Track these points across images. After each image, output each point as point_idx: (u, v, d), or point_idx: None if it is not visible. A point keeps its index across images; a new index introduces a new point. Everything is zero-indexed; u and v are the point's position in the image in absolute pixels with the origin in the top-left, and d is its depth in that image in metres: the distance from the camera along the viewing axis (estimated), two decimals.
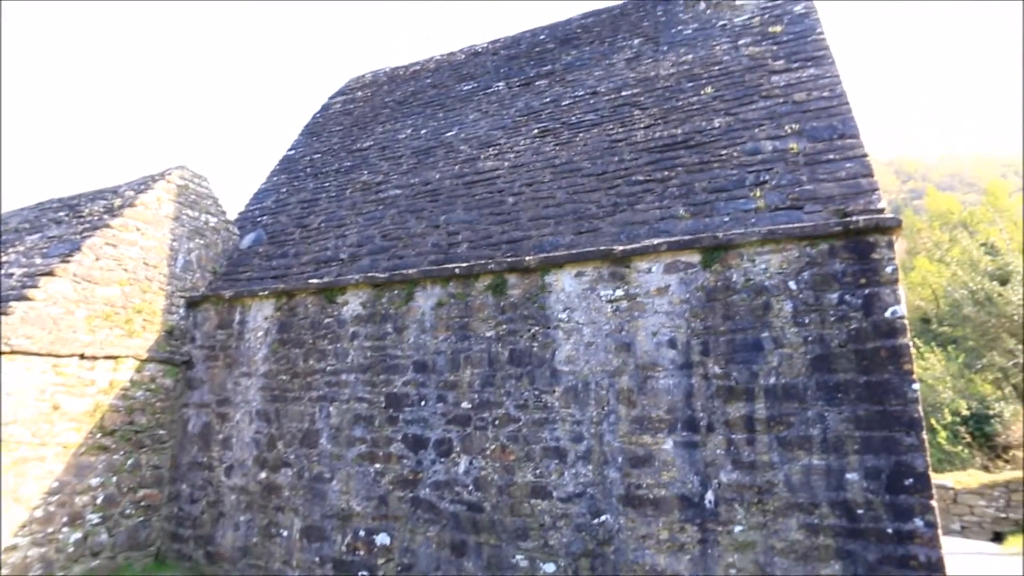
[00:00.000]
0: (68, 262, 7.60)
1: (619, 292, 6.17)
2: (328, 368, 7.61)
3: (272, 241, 9.49)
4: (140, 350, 8.11)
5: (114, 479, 7.68)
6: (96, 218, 8.54)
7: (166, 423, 8.38)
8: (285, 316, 8.15)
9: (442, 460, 6.59)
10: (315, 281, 7.98)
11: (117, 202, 8.83)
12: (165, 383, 8.43)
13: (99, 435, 7.56)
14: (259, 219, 10.25)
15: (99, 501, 7.50)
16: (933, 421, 15.64)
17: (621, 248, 6.17)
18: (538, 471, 6.07)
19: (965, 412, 15.85)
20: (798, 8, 8.68)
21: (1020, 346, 17.34)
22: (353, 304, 7.69)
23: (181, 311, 8.79)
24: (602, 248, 6.28)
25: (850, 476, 4.95)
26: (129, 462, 7.88)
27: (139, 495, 7.96)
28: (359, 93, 12.85)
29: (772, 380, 5.39)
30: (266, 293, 8.28)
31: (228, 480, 7.89)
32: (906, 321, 5.19)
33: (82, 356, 7.43)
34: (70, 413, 7.30)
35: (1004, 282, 19.29)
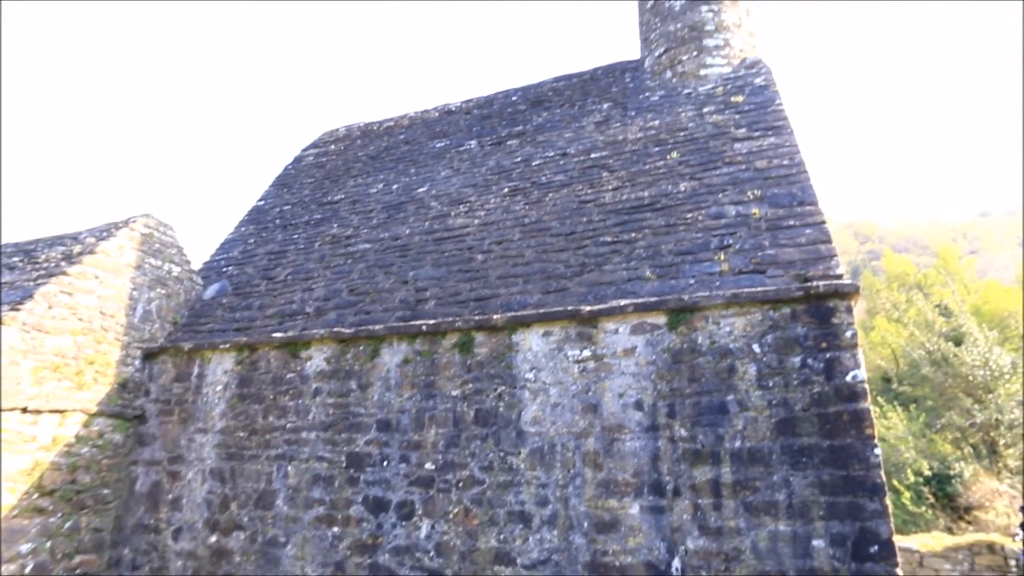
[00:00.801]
0: (18, 310, 7.31)
1: (586, 352, 6.16)
2: (288, 425, 7.36)
3: (237, 292, 9.31)
4: (90, 403, 7.75)
5: (48, 544, 7.18)
6: (53, 265, 8.29)
7: (112, 482, 7.93)
8: (246, 370, 7.92)
9: (403, 524, 6.35)
10: (279, 335, 7.81)
11: (76, 249, 8.60)
12: (114, 439, 8.03)
13: (36, 495, 7.10)
14: (224, 269, 10.08)
15: (28, 570, 6.96)
16: (896, 482, 15.75)
17: (589, 309, 6.20)
18: (502, 536, 5.88)
19: (927, 472, 16.01)
20: (758, 80, 9.13)
21: (976, 406, 17.76)
22: (317, 359, 7.52)
23: (137, 363, 8.48)
24: (570, 308, 6.30)
25: (816, 543, 4.91)
26: (67, 525, 7.40)
27: (75, 562, 7.44)
28: (332, 146, 12.95)
29: (738, 444, 5.39)
30: (227, 346, 8.06)
31: (175, 544, 7.46)
32: (866, 385, 5.28)
33: (24, 410, 7.06)
34: (6, 472, 6.86)
35: (958, 343, 19.92)
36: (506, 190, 8.93)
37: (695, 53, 9.90)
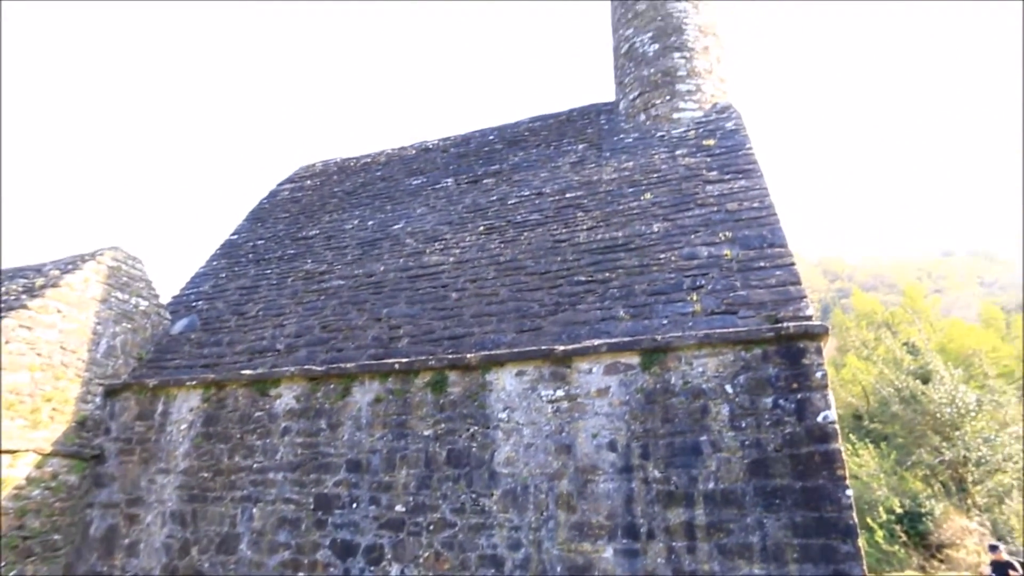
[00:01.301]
0: None
1: (560, 392, 6.13)
2: (255, 465, 7.14)
3: (206, 328, 9.12)
4: (44, 443, 7.44)
5: None
6: (12, 298, 8.04)
7: (64, 526, 7.57)
8: (213, 408, 7.70)
9: (372, 569, 6.15)
10: (248, 372, 7.63)
11: (39, 281, 8.37)
12: (69, 480, 7.70)
13: None
14: (194, 304, 9.89)
15: None
16: (869, 520, 15.79)
17: (563, 348, 6.19)
18: None
19: (899, 510, 16.09)
20: (729, 124, 9.39)
21: (945, 443, 18.00)
22: (287, 397, 7.35)
23: (98, 400, 8.19)
24: (543, 348, 6.29)
25: None
26: (11, 575, 7.00)
27: None
28: (308, 181, 12.93)
29: (711, 485, 5.36)
30: (194, 383, 7.84)
31: None
32: (837, 426, 5.32)
33: None
34: None
35: (926, 381, 20.28)
36: (482, 228, 8.97)
37: (668, 97, 10.17)
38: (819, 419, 5.31)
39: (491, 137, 11.90)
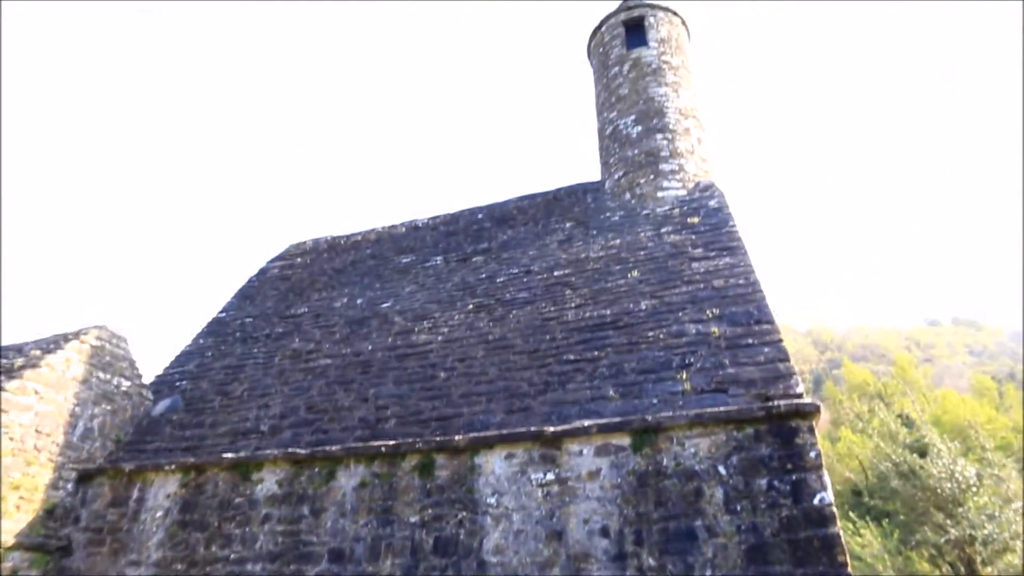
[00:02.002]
0: None
1: (550, 476, 5.96)
2: (232, 556, 6.79)
3: (189, 408, 8.92)
4: (8, 535, 7.06)
5: None
6: None
7: None
8: (191, 494, 7.40)
9: None
10: (229, 455, 7.40)
11: (19, 362, 8.21)
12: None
13: None
14: (178, 384, 9.71)
15: None
16: None
17: (552, 429, 6.07)
18: None
19: None
20: (712, 202, 9.64)
21: (949, 520, 17.50)
22: (269, 482, 7.10)
23: (69, 486, 7.86)
24: (533, 429, 6.16)
25: None
26: None
27: None
28: (298, 259, 13.02)
29: (709, 573, 5.14)
30: (172, 467, 7.58)
31: None
32: (834, 509, 5.18)
33: None
34: None
35: (923, 454, 19.93)
36: (470, 306, 8.99)
37: (652, 177, 10.48)
38: (815, 501, 5.17)
39: (480, 216, 12.13)
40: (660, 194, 10.34)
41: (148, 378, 9.75)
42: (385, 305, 9.90)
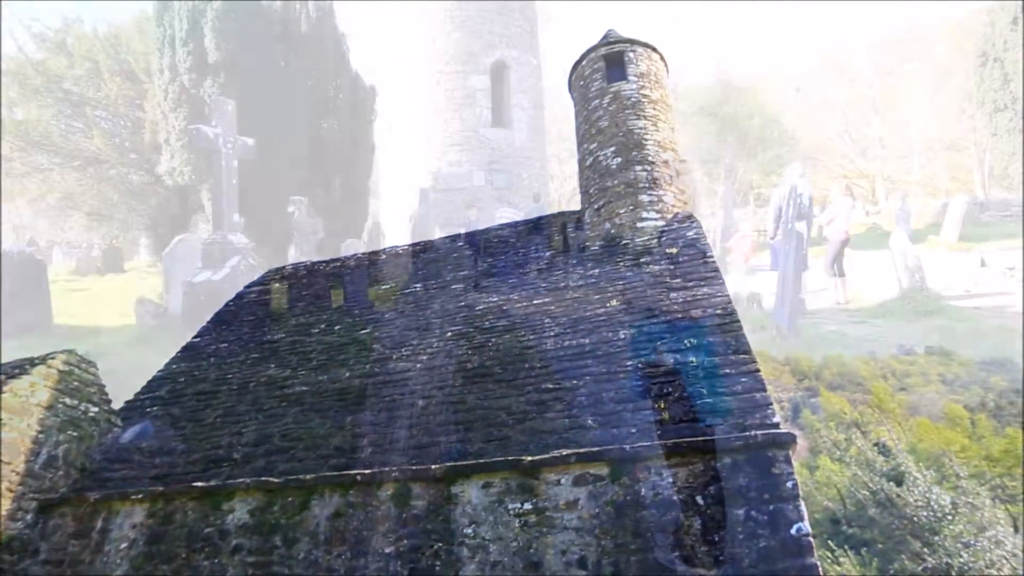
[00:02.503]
0: None
1: (528, 506, 5.90)
2: None
3: (159, 435, 8.70)
4: None
5: None
6: None
7: None
8: (159, 524, 7.19)
9: None
10: (200, 484, 7.22)
11: None
12: None
13: None
14: (149, 410, 9.48)
15: None
16: None
17: (530, 459, 6.03)
18: None
19: None
20: (690, 233, 9.78)
21: (926, 549, 17.59)
22: (240, 512, 6.93)
23: (29, 517, 7.58)
24: (511, 458, 6.12)
25: None
26: None
27: None
28: (276, 285, 12.90)
29: None
30: (140, 496, 7.36)
31: None
32: (812, 539, 5.19)
33: None
34: None
35: (899, 483, 20.11)
36: (449, 334, 8.96)
37: (631, 207, 10.62)
38: (792, 531, 5.19)
39: (460, 243, 12.17)
40: (639, 224, 10.47)
41: (118, 404, 9.52)
42: (363, 331, 9.82)
